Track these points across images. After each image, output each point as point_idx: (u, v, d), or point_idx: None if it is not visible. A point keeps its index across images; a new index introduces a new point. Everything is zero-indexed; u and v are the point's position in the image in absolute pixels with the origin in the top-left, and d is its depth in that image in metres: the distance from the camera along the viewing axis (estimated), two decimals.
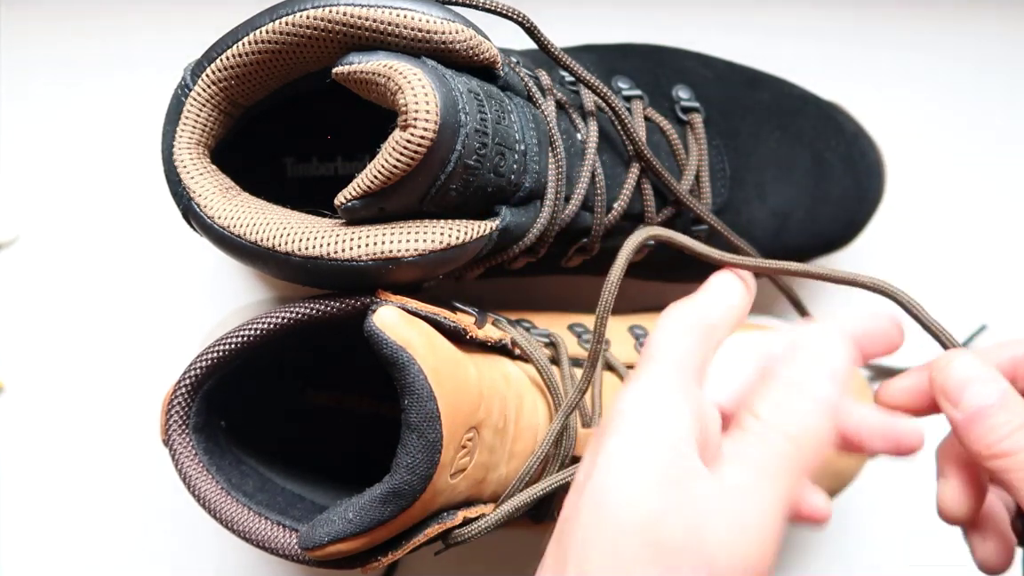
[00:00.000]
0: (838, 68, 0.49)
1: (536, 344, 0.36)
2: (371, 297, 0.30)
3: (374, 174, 0.29)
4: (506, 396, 0.33)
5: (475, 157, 0.30)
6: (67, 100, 0.48)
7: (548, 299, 0.42)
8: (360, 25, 0.29)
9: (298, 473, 0.36)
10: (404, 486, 0.28)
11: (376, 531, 0.29)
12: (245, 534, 0.31)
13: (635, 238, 0.32)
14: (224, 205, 0.31)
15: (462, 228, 0.31)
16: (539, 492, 0.33)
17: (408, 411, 0.28)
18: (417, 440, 0.28)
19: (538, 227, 0.34)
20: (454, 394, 0.29)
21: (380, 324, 0.28)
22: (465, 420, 0.30)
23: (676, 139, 0.38)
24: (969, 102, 0.50)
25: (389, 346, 0.28)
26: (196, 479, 0.33)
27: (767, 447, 0.25)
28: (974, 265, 0.50)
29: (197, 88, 0.31)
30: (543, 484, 0.34)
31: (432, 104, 0.28)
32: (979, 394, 0.28)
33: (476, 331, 0.32)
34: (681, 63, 0.42)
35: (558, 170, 0.34)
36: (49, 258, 0.48)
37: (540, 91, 0.35)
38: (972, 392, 0.28)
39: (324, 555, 0.29)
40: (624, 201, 0.37)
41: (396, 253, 0.30)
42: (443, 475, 0.29)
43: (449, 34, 0.30)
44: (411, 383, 0.28)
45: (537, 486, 0.34)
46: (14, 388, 0.47)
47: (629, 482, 0.24)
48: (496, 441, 0.32)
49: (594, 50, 0.40)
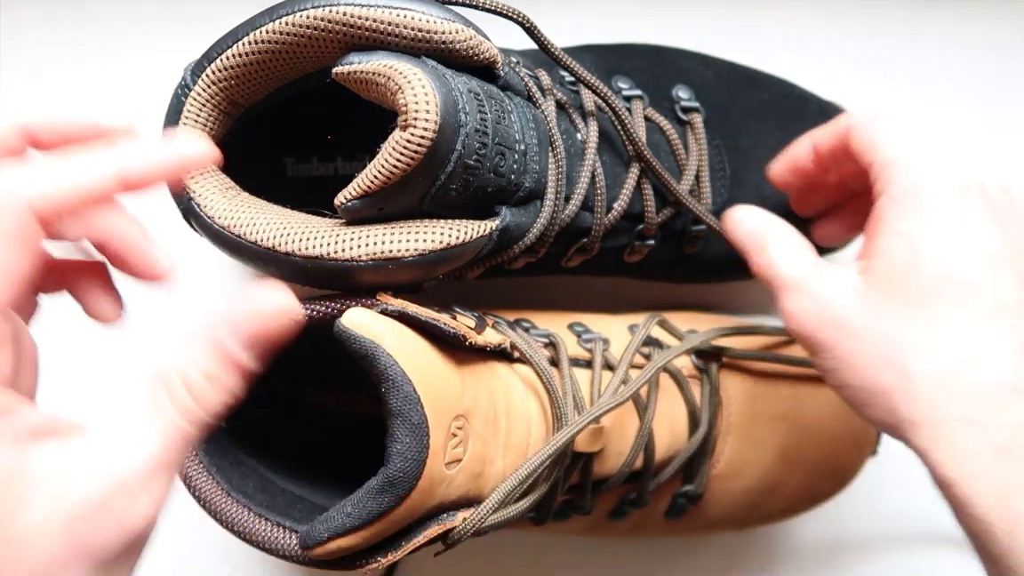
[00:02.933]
0: (838, 68, 0.49)
1: (536, 346, 0.36)
2: (372, 299, 0.30)
3: (374, 174, 0.29)
4: (492, 386, 0.33)
5: (475, 157, 0.30)
6: (67, 99, 0.47)
7: (548, 299, 0.42)
8: (360, 25, 0.29)
9: (298, 474, 0.36)
10: (399, 473, 0.28)
11: (376, 524, 0.29)
12: (245, 535, 0.31)
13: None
14: (224, 205, 0.31)
15: (462, 228, 0.31)
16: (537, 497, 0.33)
17: (387, 398, 0.28)
18: (402, 424, 0.28)
19: (538, 227, 0.34)
20: (431, 377, 0.29)
21: (348, 324, 0.29)
22: (448, 405, 0.30)
23: (676, 139, 0.38)
24: (969, 102, 0.50)
25: (358, 341, 0.28)
26: (196, 480, 0.33)
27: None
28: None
29: (197, 88, 0.31)
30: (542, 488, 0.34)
31: (432, 104, 0.28)
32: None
33: (475, 337, 0.32)
34: (681, 63, 0.42)
35: (558, 170, 0.34)
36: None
37: (540, 91, 0.35)
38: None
39: (325, 553, 0.29)
40: (624, 201, 0.37)
41: (396, 253, 0.30)
42: (437, 462, 0.29)
43: (449, 34, 0.30)
44: (384, 371, 0.28)
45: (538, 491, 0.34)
46: None
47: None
48: (489, 432, 0.32)
49: (594, 50, 0.40)
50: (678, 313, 0.43)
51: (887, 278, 0.30)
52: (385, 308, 0.30)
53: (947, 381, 0.29)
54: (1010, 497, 0.27)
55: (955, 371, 0.29)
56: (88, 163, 0.24)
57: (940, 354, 0.29)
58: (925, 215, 0.30)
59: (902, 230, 0.30)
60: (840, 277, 0.31)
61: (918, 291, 0.29)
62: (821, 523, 0.49)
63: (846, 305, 0.31)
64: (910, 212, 0.30)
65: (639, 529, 0.42)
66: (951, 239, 0.30)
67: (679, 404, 0.39)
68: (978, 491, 0.28)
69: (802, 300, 0.32)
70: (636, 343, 0.37)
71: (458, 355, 0.32)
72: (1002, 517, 0.27)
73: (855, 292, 0.31)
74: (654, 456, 0.38)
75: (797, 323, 0.32)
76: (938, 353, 0.29)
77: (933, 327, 0.29)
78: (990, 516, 0.27)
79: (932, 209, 0.30)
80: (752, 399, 0.41)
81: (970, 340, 0.29)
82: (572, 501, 0.38)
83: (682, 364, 0.40)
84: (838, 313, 0.31)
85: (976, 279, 0.29)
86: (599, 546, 0.49)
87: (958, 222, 0.30)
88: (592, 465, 0.37)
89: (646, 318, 0.39)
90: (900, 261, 0.30)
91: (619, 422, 0.37)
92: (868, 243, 0.32)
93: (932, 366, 0.29)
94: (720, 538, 0.49)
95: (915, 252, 0.30)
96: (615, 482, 0.38)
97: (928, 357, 0.29)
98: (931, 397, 0.29)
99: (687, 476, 0.40)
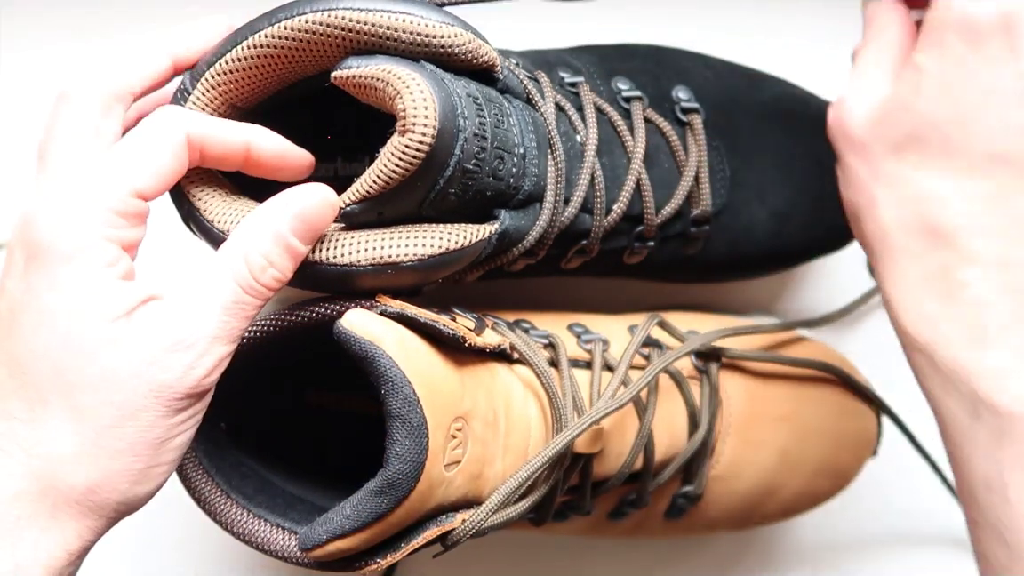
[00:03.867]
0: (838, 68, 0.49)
1: (535, 347, 0.36)
2: (371, 301, 0.30)
3: (373, 179, 0.29)
4: (492, 388, 0.33)
5: (474, 161, 0.30)
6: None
7: (547, 301, 0.42)
8: (359, 29, 0.29)
9: (298, 475, 0.36)
10: (397, 475, 0.28)
11: (375, 526, 0.29)
12: (244, 536, 0.32)
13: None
14: (224, 209, 0.31)
15: (461, 232, 0.31)
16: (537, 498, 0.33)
17: (387, 400, 0.28)
18: (401, 426, 0.28)
19: (537, 230, 0.34)
20: (430, 379, 0.29)
21: (348, 325, 0.29)
22: (448, 406, 0.30)
23: (676, 140, 0.38)
24: None
25: (357, 342, 0.29)
26: (195, 481, 0.33)
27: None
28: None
29: (196, 92, 0.31)
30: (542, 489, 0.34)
31: (431, 109, 0.28)
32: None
33: (475, 338, 0.32)
34: (681, 63, 0.42)
35: (557, 172, 0.34)
36: None
37: (539, 93, 0.35)
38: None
39: (324, 554, 0.29)
40: (624, 203, 0.37)
41: (395, 258, 0.30)
42: (436, 464, 0.29)
43: (448, 38, 0.30)
44: (383, 372, 0.28)
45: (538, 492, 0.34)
46: None
47: None
48: (488, 434, 0.32)
49: (594, 50, 0.40)
50: (678, 313, 0.43)
51: (890, 108, 0.31)
52: (385, 310, 0.30)
53: (901, 213, 0.30)
54: (931, 319, 0.29)
55: (911, 204, 0.30)
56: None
57: (907, 188, 0.30)
58: (940, 48, 0.30)
59: (916, 62, 0.30)
60: (874, 87, 0.32)
61: (911, 127, 0.30)
62: (821, 523, 0.49)
63: (860, 119, 0.32)
64: (929, 42, 0.30)
65: (639, 530, 0.42)
66: (958, 77, 0.29)
67: (679, 405, 0.39)
68: (905, 310, 0.30)
69: (835, 108, 0.33)
70: (635, 344, 0.37)
71: (457, 356, 0.32)
72: (921, 335, 0.29)
73: (872, 110, 0.31)
74: (654, 457, 0.38)
75: (829, 127, 0.33)
76: (906, 187, 0.30)
77: (913, 162, 0.30)
78: (914, 333, 0.30)
79: (949, 42, 0.29)
80: (752, 399, 0.41)
81: (940, 183, 0.30)
82: (572, 502, 0.38)
83: (682, 364, 0.40)
84: (853, 124, 0.32)
85: (974, 123, 0.29)
86: (599, 547, 0.49)
87: (972, 59, 0.29)
88: (592, 466, 0.37)
89: (646, 319, 0.39)
90: (904, 94, 0.30)
91: (619, 423, 0.37)
92: (906, 59, 0.32)
93: (894, 197, 0.30)
94: (720, 538, 0.49)
95: (917, 88, 0.30)
96: (615, 483, 0.38)
97: (895, 189, 0.30)
98: (883, 224, 0.31)
99: (687, 477, 0.40)
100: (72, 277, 0.27)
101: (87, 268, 0.27)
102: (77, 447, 0.26)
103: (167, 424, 0.27)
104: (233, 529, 0.32)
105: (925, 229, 0.30)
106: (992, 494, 0.28)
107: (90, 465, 0.27)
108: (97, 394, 0.26)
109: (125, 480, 0.27)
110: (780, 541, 0.50)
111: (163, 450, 0.28)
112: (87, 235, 0.27)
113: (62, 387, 0.26)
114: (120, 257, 0.28)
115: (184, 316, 0.27)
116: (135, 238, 0.28)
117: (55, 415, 0.26)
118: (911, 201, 0.30)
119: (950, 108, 0.30)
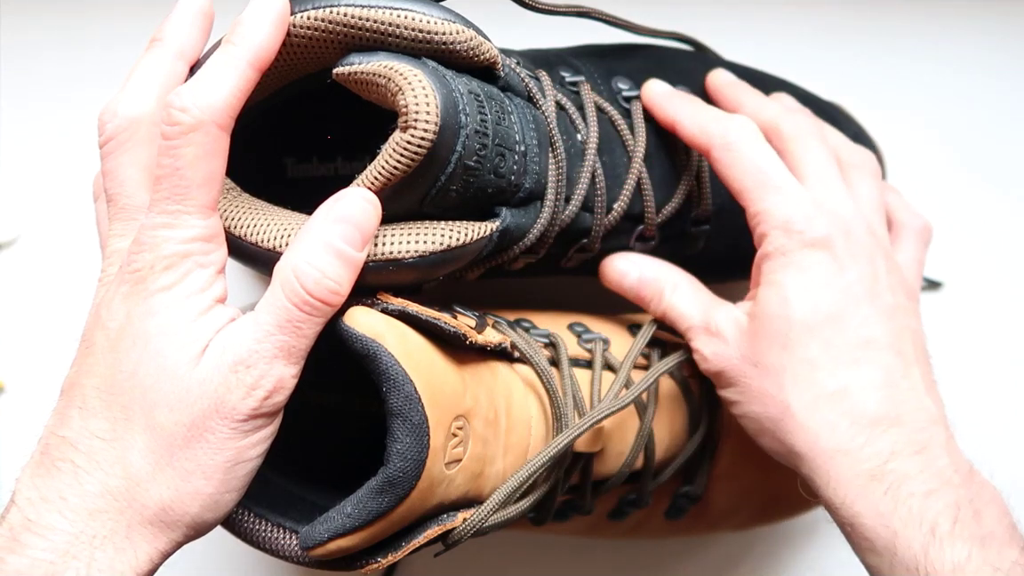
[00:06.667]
0: (838, 68, 0.49)
1: (536, 346, 0.36)
2: (373, 298, 0.30)
3: (374, 175, 0.29)
4: (493, 387, 0.33)
5: (475, 158, 0.30)
6: (68, 101, 0.48)
7: (548, 299, 0.42)
8: (361, 26, 0.29)
9: (298, 474, 0.36)
10: (398, 473, 0.28)
11: (376, 524, 0.29)
12: (245, 535, 0.31)
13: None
14: (225, 207, 0.31)
15: (462, 229, 0.31)
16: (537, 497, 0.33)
17: (388, 398, 0.28)
18: (402, 424, 0.28)
19: (538, 228, 0.34)
20: (432, 377, 0.29)
21: (350, 323, 0.29)
22: (449, 405, 0.30)
23: (676, 141, 0.38)
24: (970, 102, 0.50)
25: (359, 340, 0.29)
26: None
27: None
28: (973, 263, 0.50)
29: None
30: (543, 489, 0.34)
31: (432, 105, 0.28)
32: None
33: (476, 336, 0.32)
34: (681, 63, 0.42)
35: (558, 171, 0.34)
36: (49, 258, 0.48)
37: (540, 92, 0.35)
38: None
39: (325, 553, 0.29)
40: (624, 201, 0.37)
41: (396, 255, 0.30)
42: (436, 463, 0.29)
43: (450, 35, 0.30)
44: (385, 370, 0.28)
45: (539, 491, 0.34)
46: (14, 388, 0.47)
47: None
48: (489, 433, 0.32)
49: (594, 50, 0.40)
50: None
51: (766, 323, 0.33)
52: (386, 307, 0.30)
53: (821, 415, 0.32)
54: (884, 517, 0.30)
55: (827, 405, 0.32)
56: (231, 64, 0.28)
57: (815, 389, 0.32)
58: (792, 266, 0.33)
59: (774, 280, 0.34)
60: (734, 318, 0.35)
61: (792, 333, 0.33)
62: (821, 523, 0.49)
63: (739, 344, 0.34)
64: (779, 264, 0.34)
65: (639, 529, 0.42)
66: (816, 285, 0.33)
67: (679, 404, 0.39)
68: (857, 513, 0.31)
69: (710, 342, 0.35)
70: (639, 346, 0.37)
71: (459, 355, 0.32)
72: (880, 536, 0.30)
73: (745, 334, 0.34)
74: (654, 456, 0.38)
75: (708, 363, 0.35)
76: (813, 388, 0.32)
77: (808, 364, 0.33)
78: (871, 535, 0.31)
79: (798, 260, 0.33)
80: None
81: (839, 375, 0.32)
82: (572, 501, 0.38)
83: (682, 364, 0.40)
84: (736, 351, 0.34)
85: (841, 319, 0.33)
86: (599, 546, 0.49)
87: (821, 269, 0.33)
88: (592, 465, 0.37)
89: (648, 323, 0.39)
90: (774, 308, 0.33)
91: (619, 422, 0.37)
92: (752, 287, 0.35)
93: (808, 400, 0.32)
94: (720, 538, 0.49)
95: (786, 300, 0.33)
96: (615, 482, 0.38)
97: (804, 392, 0.32)
98: (809, 429, 0.32)
99: (687, 476, 0.40)
100: (168, 303, 0.27)
101: (182, 294, 0.28)
102: (152, 464, 0.27)
103: (235, 447, 0.28)
104: (234, 528, 0.32)
105: (851, 424, 0.32)
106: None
107: (163, 484, 0.27)
108: (172, 413, 0.27)
109: (196, 503, 0.27)
110: (780, 541, 0.50)
111: (231, 476, 0.28)
112: (183, 263, 0.28)
113: (145, 405, 0.27)
114: (213, 281, 0.28)
115: (243, 337, 0.27)
116: (222, 259, 0.29)
117: (135, 433, 0.27)
118: (824, 396, 0.32)
119: (823, 305, 0.33)
